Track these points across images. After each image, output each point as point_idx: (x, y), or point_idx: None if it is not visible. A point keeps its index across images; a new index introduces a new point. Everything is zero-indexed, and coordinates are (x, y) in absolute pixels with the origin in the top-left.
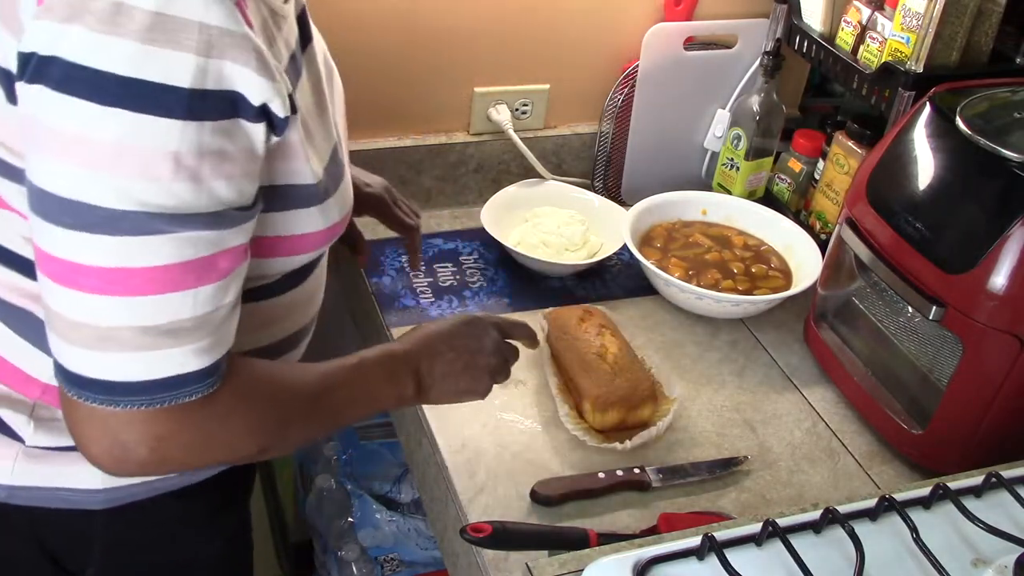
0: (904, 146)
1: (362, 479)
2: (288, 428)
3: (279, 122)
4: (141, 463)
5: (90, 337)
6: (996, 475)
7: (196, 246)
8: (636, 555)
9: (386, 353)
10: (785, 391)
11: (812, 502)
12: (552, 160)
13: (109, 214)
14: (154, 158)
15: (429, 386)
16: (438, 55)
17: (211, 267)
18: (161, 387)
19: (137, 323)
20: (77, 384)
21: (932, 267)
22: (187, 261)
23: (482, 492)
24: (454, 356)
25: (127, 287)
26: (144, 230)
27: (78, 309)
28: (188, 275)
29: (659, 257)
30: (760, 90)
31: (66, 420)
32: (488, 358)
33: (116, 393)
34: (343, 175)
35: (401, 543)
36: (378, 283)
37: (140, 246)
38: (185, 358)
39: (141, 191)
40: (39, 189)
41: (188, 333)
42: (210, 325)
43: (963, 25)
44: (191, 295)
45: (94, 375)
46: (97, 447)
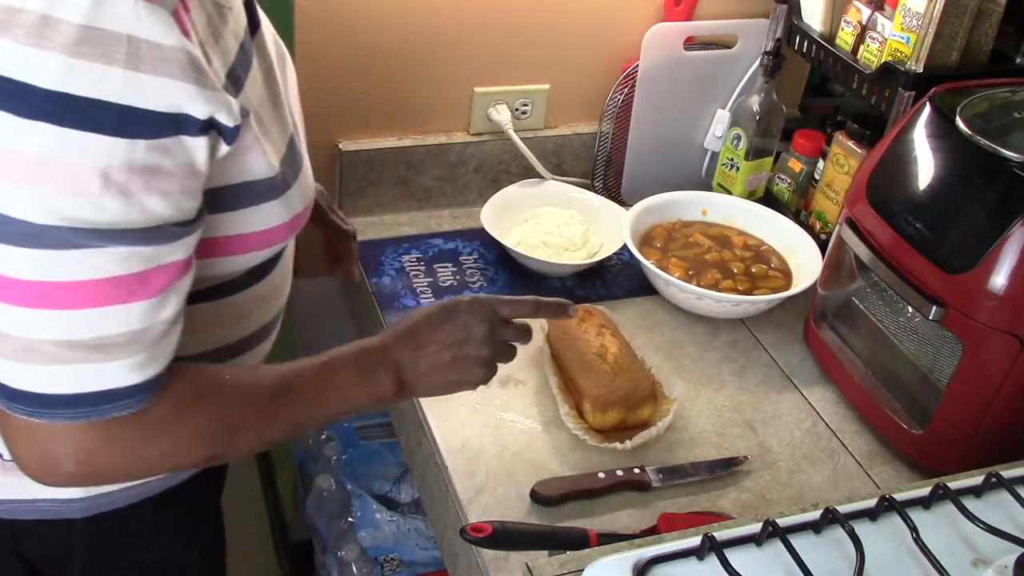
0: (904, 146)
1: (362, 479)
2: (239, 434)
3: (229, 131)
4: (71, 475)
5: (15, 349)
6: (996, 475)
7: (128, 261)
8: (636, 555)
9: (360, 349)
10: (785, 391)
11: (812, 502)
12: (552, 160)
13: (34, 228)
14: (81, 173)
15: (413, 383)
16: (438, 55)
17: (144, 283)
18: (88, 401)
19: (62, 336)
20: (5, 396)
21: (932, 267)
22: (117, 276)
23: (482, 492)
24: (438, 348)
25: (52, 301)
26: (70, 244)
27: (3, 320)
28: (118, 290)
29: (659, 257)
30: (760, 90)
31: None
32: (479, 349)
33: (43, 405)
34: (302, 163)
35: (401, 543)
36: (378, 283)
37: (66, 260)
38: (116, 373)
39: (67, 206)
40: None
41: (119, 348)
42: (144, 341)
43: (963, 25)
44: (122, 310)
45: (21, 387)
46: (27, 458)
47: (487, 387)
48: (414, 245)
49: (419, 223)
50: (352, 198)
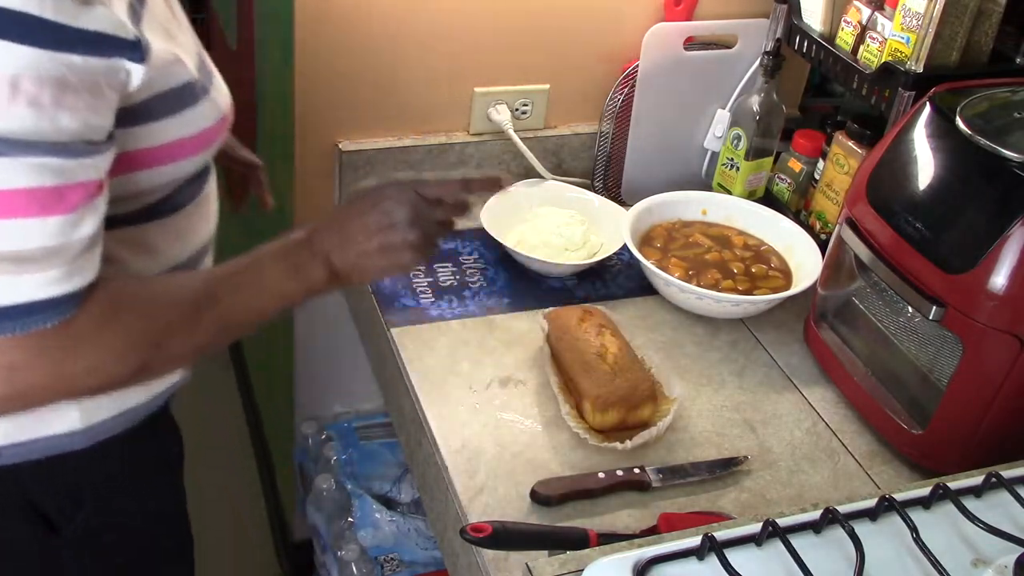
0: (904, 146)
1: (362, 479)
2: (168, 342)
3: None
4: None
5: None
6: (996, 475)
7: (41, 174)
8: (636, 555)
9: (287, 244)
10: (785, 391)
11: (812, 502)
12: (552, 160)
13: None
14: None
15: (346, 271)
16: (438, 55)
17: (60, 198)
18: (8, 315)
19: None
20: None
21: (932, 267)
22: (32, 188)
23: (482, 492)
24: (365, 236)
25: None
26: None
27: None
28: (32, 203)
29: (659, 257)
30: (760, 90)
31: None
32: (405, 233)
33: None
34: (214, 75)
35: (401, 543)
36: (378, 283)
37: None
38: (34, 287)
39: None
40: None
41: (35, 263)
42: (62, 256)
43: (963, 25)
44: (38, 224)
45: None
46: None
47: (487, 387)
48: None
49: None
50: None
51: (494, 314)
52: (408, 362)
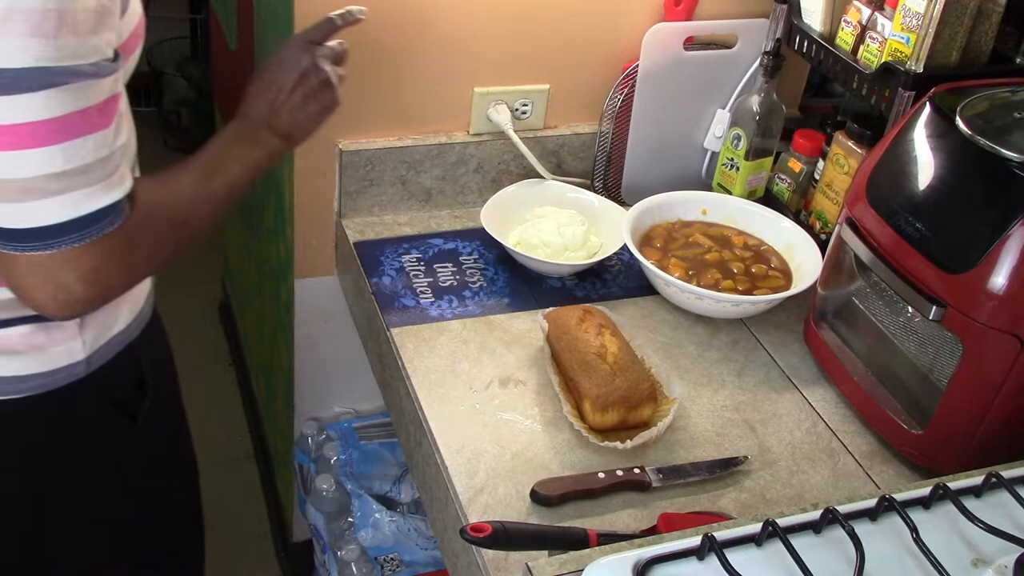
0: (904, 146)
1: (362, 479)
2: (191, 224)
3: None
4: (85, 299)
5: (13, 191)
6: (996, 475)
7: (87, 95)
8: (636, 555)
9: (237, 126)
10: (785, 391)
11: (812, 502)
12: (552, 160)
13: (11, 74)
14: (44, 17)
15: (290, 129)
16: (438, 55)
17: (103, 113)
18: (85, 223)
19: (52, 170)
20: (11, 238)
21: (932, 267)
22: (84, 109)
23: (482, 492)
24: (287, 95)
25: (37, 139)
26: (43, 84)
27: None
28: (87, 121)
29: (659, 257)
30: (760, 90)
31: (7, 278)
32: (317, 75)
33: (48, 237)
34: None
35: (401, 543)
36: (378, 283)
37: (42, 100)
38: (101, 194)
39: (35, 47)
40: None
41: (96, 172)
42: (111, 164)
43: (963, 25)
44: (92, 139)
45: (26, 225)
46: (42, 294)
47: (487, 387)
48: (414, 245)
49: (419, 223)
50: (352, 198)
51: (494, 314)
52: (408, 362)
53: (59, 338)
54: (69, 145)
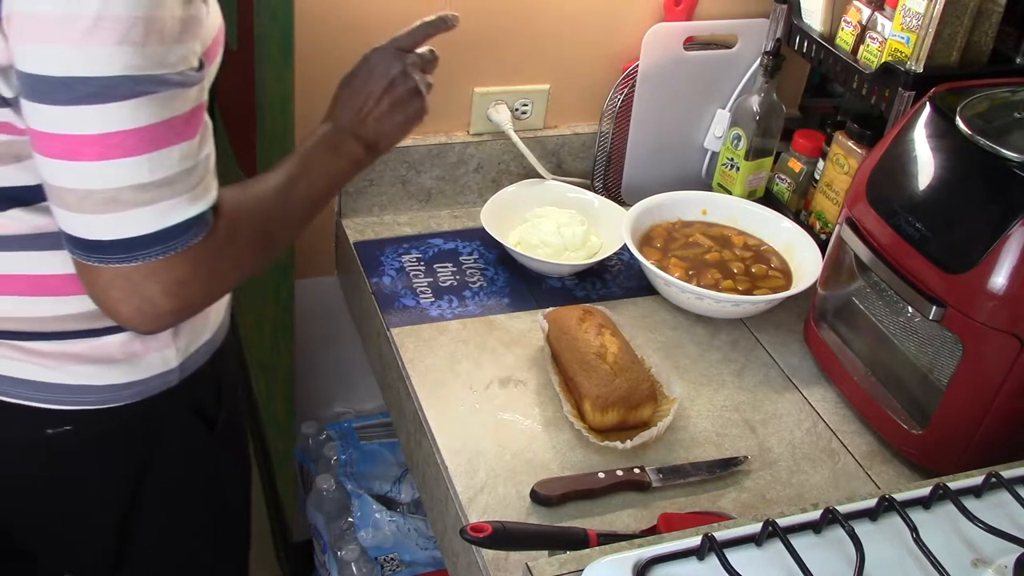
0: (904, 146)
1: (362, 479)
2: (275, 235)
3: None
4: (169, 312)
5: (98, 203)
6: (996, 475)
7: (173, 105)
8: (636, 555)
9: (323, 135)
10: (785, 391)
11: (812, 502)
12: (552, 160)
13: (99, 83)
14: (132, 25)
15: (375, 138)
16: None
17: (188, 123)
18: (170, 235)
19: (137, 181)
20: (96, 250)
21: (932, 267)
22: (170, 119)
23: (482, 492)
24: (375, 103)
25: (123, 149)
26: (130, 93)
27: (83, 179)
28: (172, 131)
29: (659, 257)
30: (760, 90)
31: (91, 291)
32: (405, 84)
33: (133, 249)
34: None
35: (401, 543)
36: (378, 283)
37: (130, 109)
38: (186, 205)
39: (123, 55)
40: (33, 76)
41: (182, 183)
42: (198, 174)
43: (963, 25)
44: (177, 150)
45: (111, 237)
46: (126, 307)
47: (487, 387)
48: (414, 245)
49: (419, 223)
50: (352, 198)
51: (494, 314)
52: (408, 362)
53: (154, 346)
54: (156, 155)
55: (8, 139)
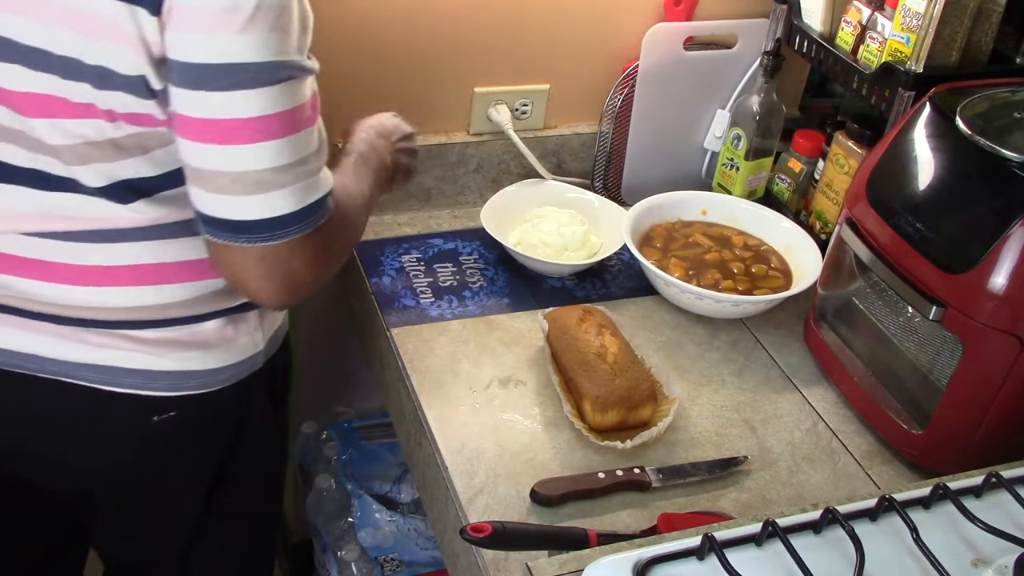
0: (904, 146)
1: (362, 479)
2: (357, 224)
3: None
4: (307, 285)
5: (247, 184)
6: (996, 475)
7: (304, 90)
8: (636, 555)
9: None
10: (785, 391)
11: (812, 502)
12: (552, 160)
13: (256, 68)
14: (281, 12)
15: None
16: (438, 55)
17: (314, 107)
18: (308, 212)
19: (280, 162)
20: (244, 231)
21: (932, 267)
22: (301, 104)
23: (482, 492)
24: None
25: (270, 132)
26: (279, 78)
27: (236, 162)
28: (303, 116)
29: (659, 257)
30: (760, 90)
31: (229, 271)
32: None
33: (279, 227)
34: None
35: (401, 543)
36: (378, 283)
37: (277, 93)
38: (319, 184)
39: (275, 42)
40: (196, 65)
41: (314, 164)
42: (322, 157)
43: (963, 25)
44: (310, 132)
45: (258, 217)
46: (271, 283)
47: (487, 387)
48: (414, 245)
49: (419, 223)
50: None
51: (494, 314)
52: (408, 362)
53: (244, 330)
54: (294, 138)
55: (144, 131)
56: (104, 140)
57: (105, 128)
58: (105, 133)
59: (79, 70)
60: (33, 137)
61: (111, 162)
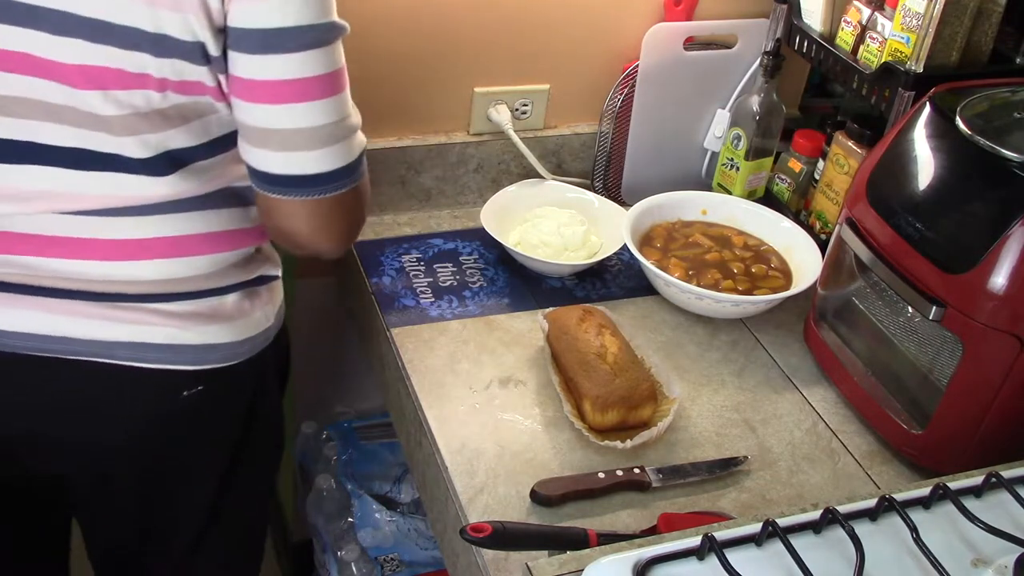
0: (904, 146)
1: (362, 479)
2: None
3: None
4: (355, 236)
5: (310, 139)
6: (996, 475)
7: (340, 53)
8: (636, 555)
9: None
10: (785, 391)
11: (812, 502)
12: (552, 160)
13: (318, 29)
14: None
15: None
16: (438, 55)
17: (346, 70)
18: (356, 166)
19: (332, 119)
20: (308, 184)
21: (932, 267)
22: (341, 66)
23: (482, 492)
24: None
25: (329, 88)
26: (332, 38)
27: (300, 119)
28: (343, 77)
29: (659, 257)
30: (760, 90)
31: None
32: None
33: (336, 179)
34: None
35: (401, 543)
36: (378, 283)
37: (334, 51)
38: (359, 141)
39: (329, 4)
40: (263, 30)
41: (352, 121)
42: (357, 116)
43: (963, 25)
44: (346, 93)
45: (319, 170)
46: (331, 233)
47: (487, 387)
48: (414, 245)
49: (419, 223)
50: None
51: (494, 314)
52: (408, 362)
53: (259, 304)
54: (343, 95)
55: (187, 101)
56: (152, 111)
57: (153, 98)
58: (153, 103)
59: (139, 39)
60: (83, 111)
61: (157, 132)
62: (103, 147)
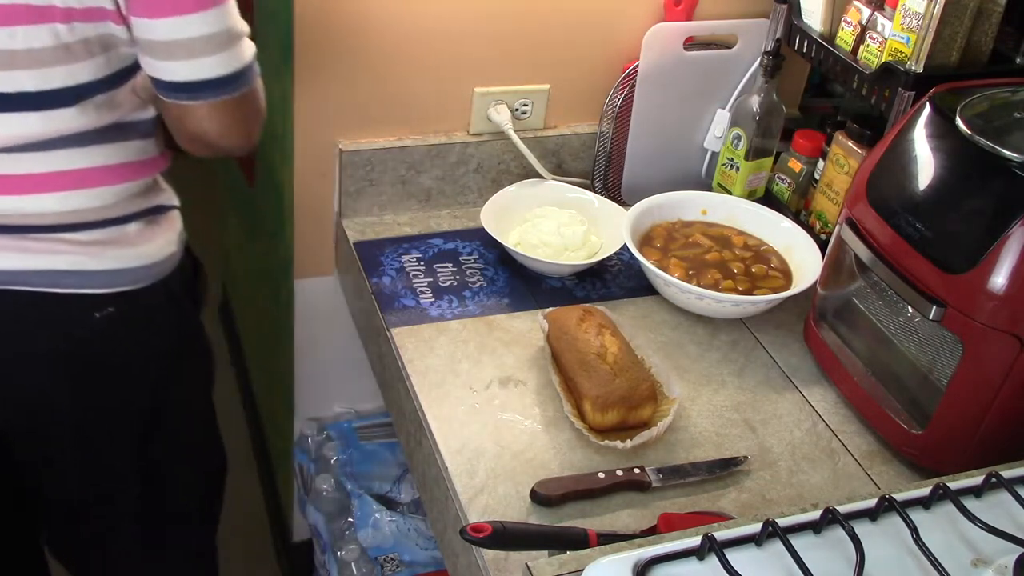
0: (904, 146)
1: (362, 479)
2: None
3: None
4: (257, 133)
5: (211, 44)
6: (996, 475)
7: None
8: (636, 555)
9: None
10: (785, 391)
11: (812, 502)
12: (552, 160)
13: None
14: None
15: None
16: (438, 55)
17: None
18: (250, 70)
19: (229, 23)
20: (209, 88)
21: (932, 267)
22: None
23: (482, 492)
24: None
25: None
26: None
27: (203, 26)
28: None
29: (659, 257)
30: (760, 90)
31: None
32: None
33: (234, 81)
34: None
35: (401, 543)
36: (378, 283)
37: None
38: (250, 44)
39: None
40: None
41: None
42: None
43: (963, 25)
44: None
45: (218, 74)
46: (239, 130)
47: (487, 387)
48: (414, 245)
49: (419, 223)
50: (352, 198)
51: (494, 314)
52: (408, 362)
53: (159, 231)
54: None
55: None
56: (59, 45)
57: (60, 31)
58: (60, 37)
59: None
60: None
61: (61, 66)
62: (7, 86)
